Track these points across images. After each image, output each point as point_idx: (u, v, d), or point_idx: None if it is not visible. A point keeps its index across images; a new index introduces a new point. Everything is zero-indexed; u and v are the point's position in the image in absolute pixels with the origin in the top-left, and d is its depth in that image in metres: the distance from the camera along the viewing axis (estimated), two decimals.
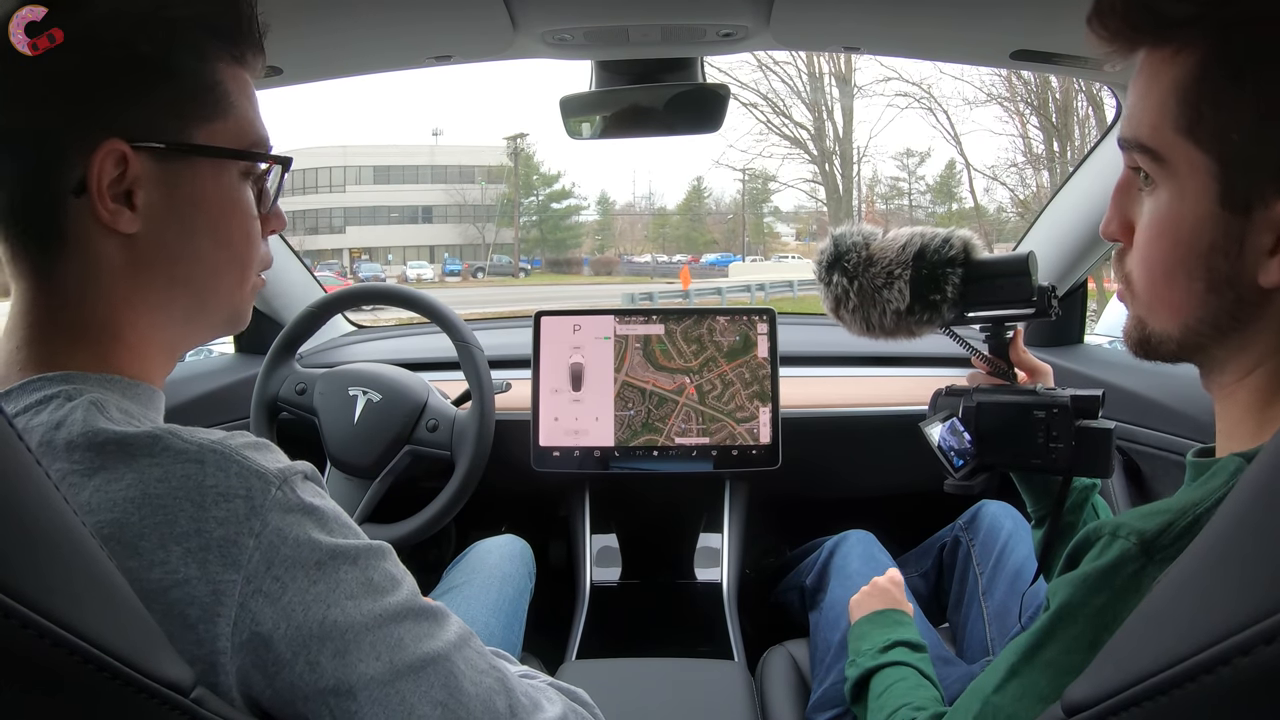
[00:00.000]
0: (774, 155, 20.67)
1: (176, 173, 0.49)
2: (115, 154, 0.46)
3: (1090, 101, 11.96)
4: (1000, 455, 0.80)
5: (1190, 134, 0.44)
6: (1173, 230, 0.46)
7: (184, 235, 0.50)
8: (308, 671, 0.43)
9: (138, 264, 0.49)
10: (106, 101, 0.46)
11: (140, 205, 0.48)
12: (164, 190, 0.48)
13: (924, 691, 0.78)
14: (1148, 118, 0.46)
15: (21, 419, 0.45)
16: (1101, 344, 1.49)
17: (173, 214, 0.49)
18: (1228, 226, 0.44)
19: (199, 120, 0.49)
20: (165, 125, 0.48)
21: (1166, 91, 0.45)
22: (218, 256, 0.52)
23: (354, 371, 1.29)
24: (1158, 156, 0.46)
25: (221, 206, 0.51)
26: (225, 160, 0.51)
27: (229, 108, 0.50)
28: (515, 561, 1.17)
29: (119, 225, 0.47)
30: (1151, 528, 0.46)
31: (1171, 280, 0.47)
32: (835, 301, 0.82)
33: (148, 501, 0.42)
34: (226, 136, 0.50)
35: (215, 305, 0.54)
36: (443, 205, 25.50)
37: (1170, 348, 0.50)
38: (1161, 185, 0.46)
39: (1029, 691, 0.50)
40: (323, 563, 0.44)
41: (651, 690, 1.03)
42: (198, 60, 0.49)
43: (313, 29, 0.92)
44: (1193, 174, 0.44)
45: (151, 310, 0.50)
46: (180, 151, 0.48)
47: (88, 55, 0.45)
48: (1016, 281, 0.78)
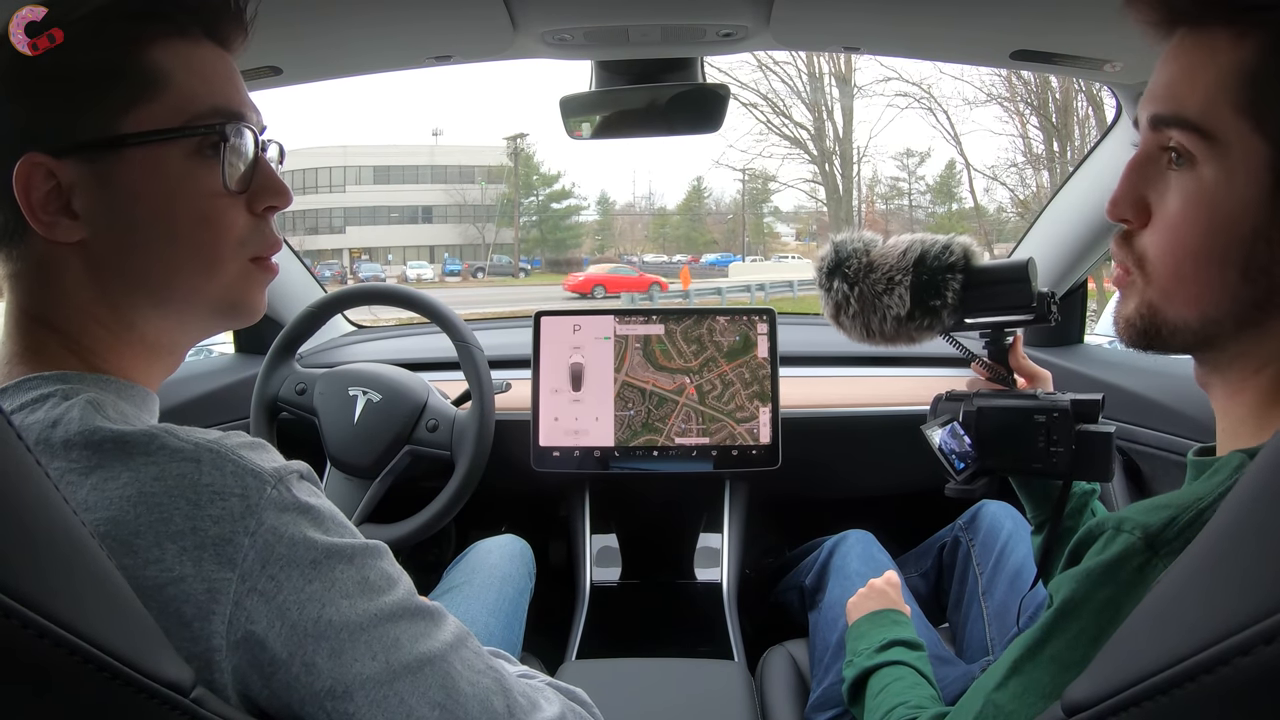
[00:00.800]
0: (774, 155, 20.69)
1: (109, 169, 0.46)
2: (39, 168, 0.45)
3: (1090, 101, 11.97)
4: (1001, 459, 0.80)
5: (1251, 115, 0.43)
6: (1212, 211, 0.45)
7: (129, 232, 0.47)
8: (304, 672, 0.43)
9: (93, 268, 0.48)
10: (17, 114, 0.45)
11: (80, 211, 0.46)
12: (100, 191, 0.46)
13: (921, 690, 0.78)
14: (1199, 95, 0.44)
15: (17, 416, 0.45)
16: (1101, 344, 1.49)
17: (114, 213, 0.47)
18: (1275, 212, 0.43)
19: (123, 107, 0.46)
20: (86, 121, 0.45)
21: (1226, 71, 0.43)
22: (170, 249, 0.48)
23: (354, 371, 1.29)
24: (1208, 135, 0.44)
25: (162, 194, 0.47)
26: (162, 143, 0.47)
27: (162, 85, 0.47)
28: (515, 561, 1.17)
29: (57, 236, 0.46)
30: (1156, 522, 0.46)
31: (1203, 265, 0.45)
32: (836, 307, 0.82)
33: (144, 500, 0.42)
34: (161, 116, 0.47)
35: (187, 299, 0.50)
36: (443, 205, 25.47)
37: (1184, 338, 0.48)
38: (1206, 164, 0.45)
39: (1031, 688, 0.50)
40: (318, 562, 0.44)
41: (651, 690, 1.03)
42: (111, 47, 0.46)
43: (312, 29, 0.92)
44: (1246, 156, 0.43)
45: (121, 311, 0.49)
46: (105, 146, 0.46)
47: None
48: (1016, 288, 0.79)
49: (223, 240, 0.50)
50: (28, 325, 0.49)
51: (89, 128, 0.46)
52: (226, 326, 0.55)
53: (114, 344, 0.50)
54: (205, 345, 1.60)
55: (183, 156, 0.48)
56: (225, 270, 0.50)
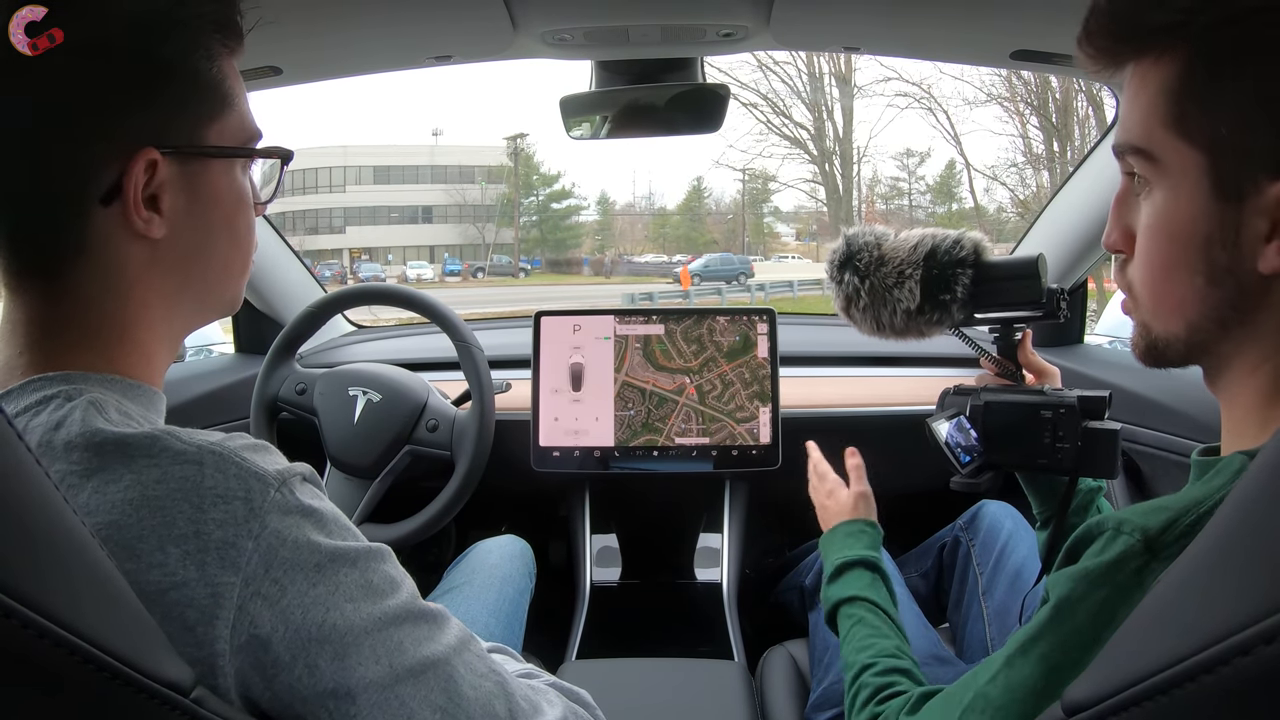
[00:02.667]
0: (774, 155, 20.71)
1: (195, 174, 0.50)
2: (148, 161, 0.47)
3: (1090, 101, 11.97)
4: (1007, 454, 0.80)
5: (1179, 130, 0.46)
6: (1169, 227, 0.47)
7: (202, 234, 0.51)
8: (306, 674, 0.43)
9: (157, 266, 0.50)
10: (131, 109, 0.46)
11: (166, 210, 0.48)
12: (187, 193, 0.49)
13: (883, 639, 0.75)
14: (1137, 121, 0.48)
15: (21, 420, 0.45)
16: (1101, 344, 1.49)
17: (194, 215, 0.50)
18: (1222, 216, 0.45)
19: (208, 119, 0.50)
20: (181, 128, 0.48)
21: (1154, 94, 0.46)
22: (231, 251, 0.53)
23: (354, 371, 1.29)
24: (1150, 156, 0.47)
25: (233, 203, 0.52)
26: (235, 158, 0.52)
27: (232, 103, 0.51)
28: (516, 562, 1.17)
29: (150, 232, 0.48)
30: (1155, 524, 0.46)
31: (1172, 277, 0.48)
32: (846, 300, 0.83)
33: (145, 503, 0.42)
34: (231, 133, 0.51)
35: (220, 295, 0.55)
36: (443, 205, 25.47)
37: (1178, 349, 0.50)
38: (1156, 186, 0.48)
39: (1020, 684, 0.50)
40: (322, 565, 0.44)
41: (651, 690, 1.03)
42: (208, 60, 0.49)
43: (312, 29, 0.92)
44: (1184, 169, 0.46)
45: (165, 308, 0.51)
46: (198, 153, 0.49)
47: (109, 62, 0.45)
48: (1026, 284, 0.79)
49: (252, 245, 0.56)
50: (43, 330, 0.48)
51: (186, 132, 0.49)
52: (217, 319, 0.60)
53: (139, 340, 0.50)
54: (205, 345, 1.60)
55: (241, 170, 0.53)
56: (248, 272, 0.57)
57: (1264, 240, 0.44)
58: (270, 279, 1.46)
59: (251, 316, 1.50)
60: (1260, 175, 0.43)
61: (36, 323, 0.48)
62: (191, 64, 0.48)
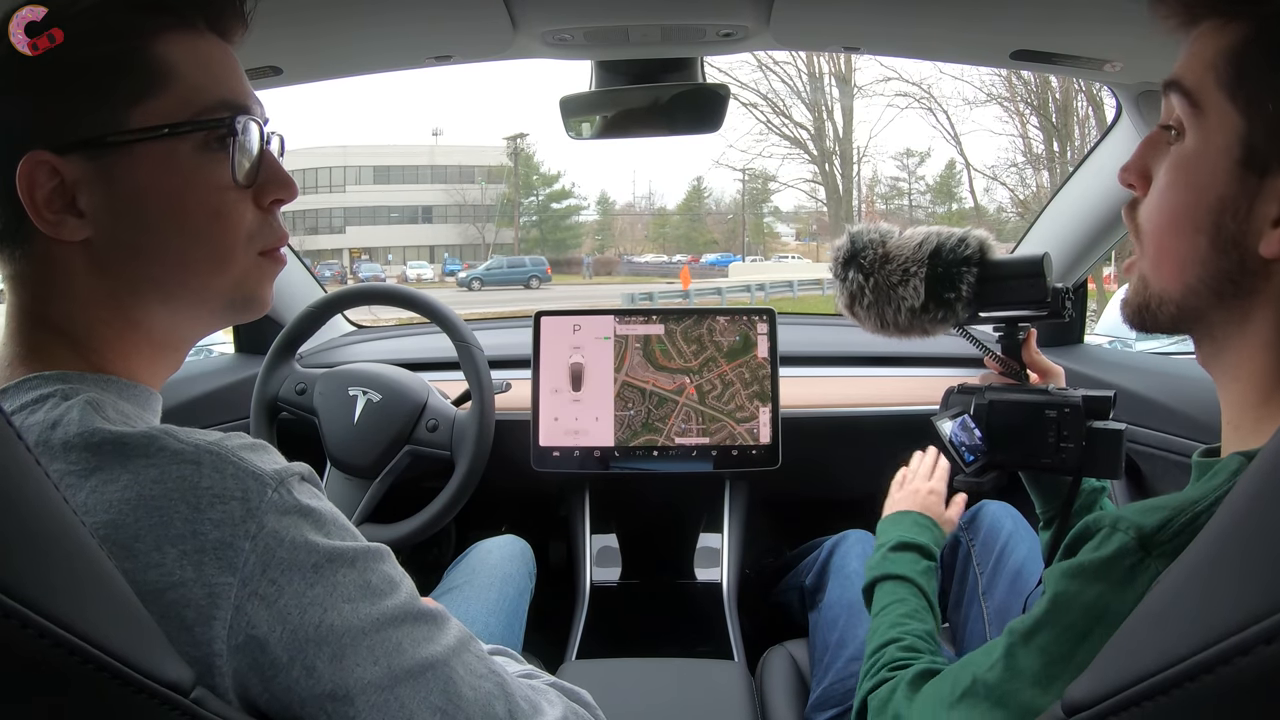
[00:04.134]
0: (774, 155, 20.67)
1: (117, 165, 0.46)
2: (43, 166, 0.44)
3: (1090, 101, 11.98)
4: (1010, 453, 0.80)
5: (1230, 91, 0.46)
6: (1190, 176, 0.48)
7: (139, 229, 0.47)
8: (304, 676, 0.43)
9: (98, 266, 0.47)
10: (20, 110, 0.44)
11: (85, 209, 0.46)
12: (106, 188, 0.46)
13: (915, 622, 0.76)
14: (1196, 68, 0.48)
15: (17, 417, 0.45)
16: (1101, 344, 1.49)
17: (122, 210, 0.46)
18: (1241, 185, 0.46)
19: (133, 102, 0.45)
20: (91, 118, 0.45)
21: (1216, 53, 0.47)
22: (182, 244, 0.48)
23: (354, 371, 1.29)
24: (1195, 101, 0.48)
25: (174, 189, 0.47)
26: (171, 138, 0.46)
27: (169, 79, 0.46)
28: (515, 561, 1.17)
29: (62, 235, 0.46)
30: (1150, 523, 0.46)
31: (1178, 229, 0.49)
32: (850, 298, 0.82)
33: (143, 503, 0.41)
34: (167, 111, 0.46)
35: (198, 294, 0.50)
36: (443, 205, 25.48)
37: (1169, 312, 0.51)
38: (1190, 133, 0.49)
39: (1018, 673, 0.51)
40: (320, 565, 0.43)
41: (651, 690, 1.03)
42: (115, 40, 0.45)
43: (312, 29, 0.91)
44: (1222, 125, 0.47)
45: (126, 310, 0.49)
46: (111, 143, 0.45)
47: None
48: (1031, 282, 0.78)
49: (233, 234, 0.49)
50: (29, 325, 0.48)
51: (94, 124, 0.45)
52: (235, 320, 0.54)
53: (118, 342, 0.49)
54: (205, 345, 1.60)
55: (192, 151, 0.47)
56: (236, 264, 0.50)
57: (1272, 224, 0.45)
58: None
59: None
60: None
61: (21, 316, 0.48)
62: (90, 51, 0.44)
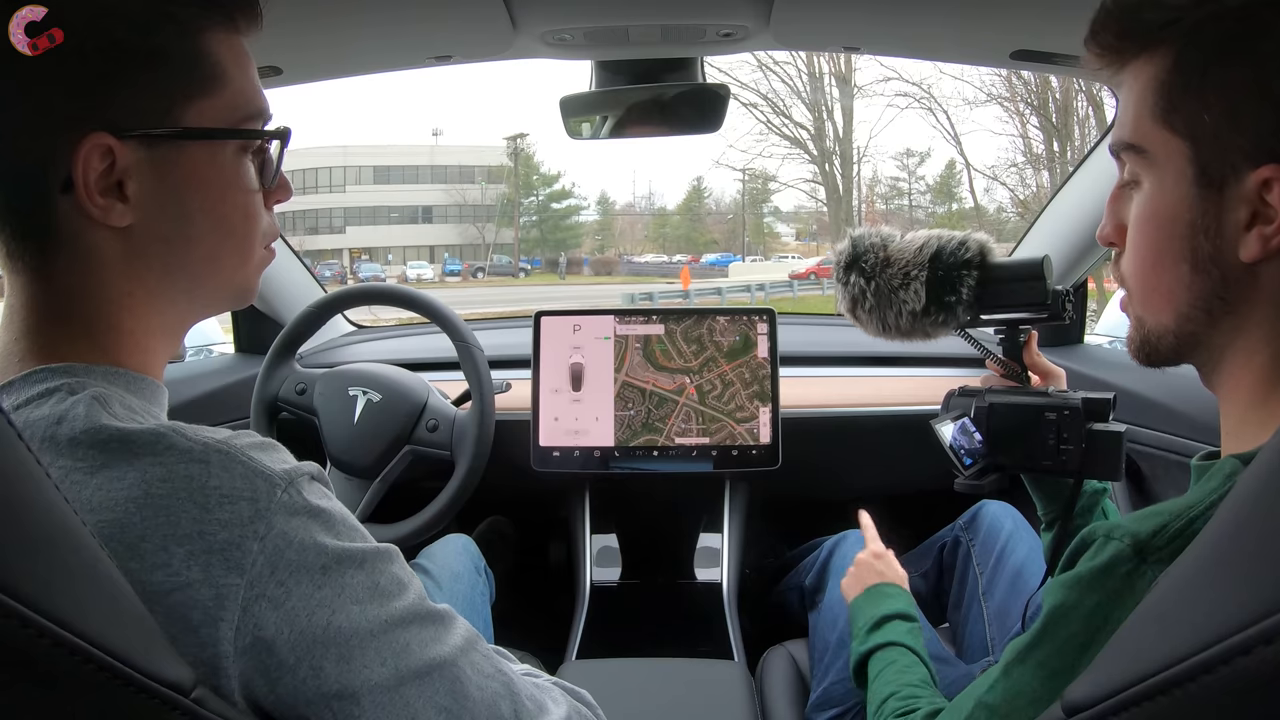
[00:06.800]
0: (774, 155, 20.65)
1: (167, 158, 0.47)
2: (100, 148, 0.45)
3: (1090, 101, 11.97)
4: (1011, 456, 0.81)
5: (1166, 120, 0.48)
6: (1156, 215, 0.49)
7: (179, 221, 0.48)
8: (311, 677, 0.42)
9: (134, 255, 0.48)
10: (88, 93, 0.44)
11: (132, 196, 0.46)
12: (155, 178, 0.46)
13: (913, 673, 0.78)
14: (1129, 116, 0.50)
15: (22, 412, 0.44)
16: (1101, 344, 1.49)
17: (166, 201, 0.47)
18: (1205, 205, 0.47)
19: (189, 99, 0.47)
20: (152, 110, 0.46)
21: (1145, 88, 0.48)
22: (216, 240, 0.50)
23: (354, 371, 1.29)
24: (1140, 150, 0.49)
25: (217, 188, 0.49)
26: (210, 139, 0.48)
27: (222, 82, 0.48)
28: (461, 557, 1.16)
29: (110, 220, 0.46)
30: (1145, 530, 0.47)
31: (1160, 264, 0.50)
32: (852, 301, 0.83)
33: (150, 502, 0.41)
34: (219, 113, 0.48)
35: (217, 286, 0.52)
36: (443, 205, 25.49)
37: (1169, 343, 0.51)
38: (1145, 179, 0.50)
39: (1020, 692, 0.51)
40: (328, 567, 0.43)
41: (651, 690, 1.03)
42: (185, 37, 0.46)
43: (313, 29, 0.92)
44: (1170, 159, 0.48)
45: (151, 299, 0.49)
46: (169, 136, 0.46)
47: (66, 46, 0.43)
48: (1031, 285, 0.79)
49: (255, 232, 0.52)
50: (42, 318, 0.48)
51: (158, 114, 0.46)
52: (231, 309, 0.59)
53: (137, 332, 0.49)
54: (205, 345, 1.60)
55: (233, 153, 0.50)
56: (252, 260, 0.53)
57: (1244, 228, 0.45)
58: (270, 279, 1.46)
59: (251, 316, 1.50)
60: (1241, 164, 0.45)
61: (32, 309, 0.48)
62: (160, 44, 0.45)
